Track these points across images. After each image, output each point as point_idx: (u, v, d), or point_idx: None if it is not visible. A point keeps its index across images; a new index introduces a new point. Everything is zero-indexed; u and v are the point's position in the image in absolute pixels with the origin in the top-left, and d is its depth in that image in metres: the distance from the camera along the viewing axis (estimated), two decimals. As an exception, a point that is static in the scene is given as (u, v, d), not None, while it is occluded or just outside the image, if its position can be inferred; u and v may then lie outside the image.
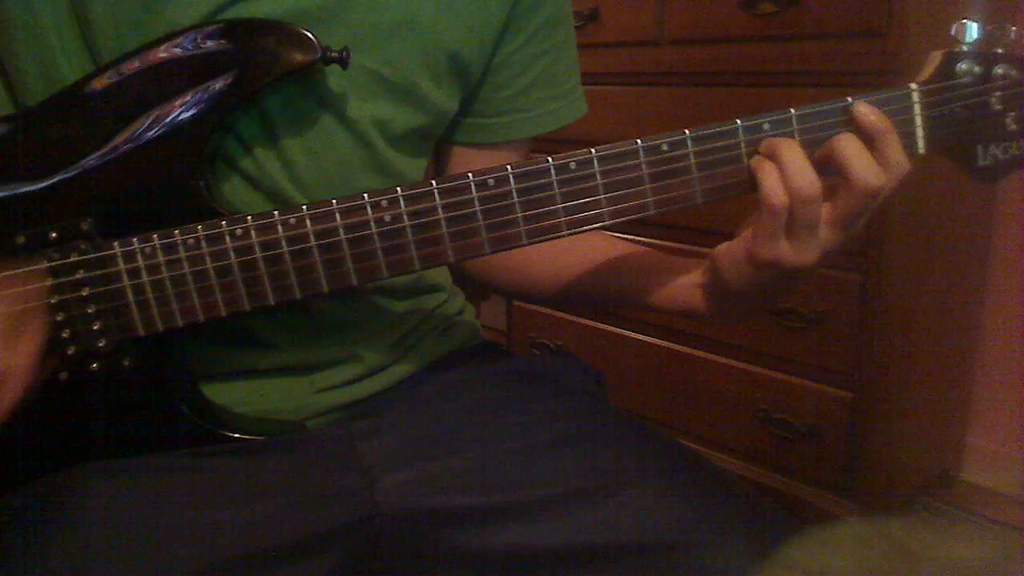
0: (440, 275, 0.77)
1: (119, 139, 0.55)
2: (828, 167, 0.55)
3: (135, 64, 0.56)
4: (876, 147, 0.55)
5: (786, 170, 0.54)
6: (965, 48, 0.60)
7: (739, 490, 0.60)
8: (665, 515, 0.56)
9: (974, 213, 1.47)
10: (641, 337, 1.61)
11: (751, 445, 1.50)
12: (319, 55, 0.56)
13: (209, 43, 0.56)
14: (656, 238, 1.49)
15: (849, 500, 1.40)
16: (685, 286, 0.65)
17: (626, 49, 1.53)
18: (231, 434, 0.61)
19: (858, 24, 1.24)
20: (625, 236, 0.76)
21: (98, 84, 0.56)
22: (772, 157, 0.55)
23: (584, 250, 0.71)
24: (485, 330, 0.82)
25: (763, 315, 1.41)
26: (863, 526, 0.46)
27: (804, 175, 0.54)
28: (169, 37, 0.56)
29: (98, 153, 0.55)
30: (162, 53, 0.56)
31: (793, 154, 0.55)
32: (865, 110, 0.56)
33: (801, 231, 0.55)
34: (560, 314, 1.74)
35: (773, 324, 1.41)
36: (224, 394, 0.63)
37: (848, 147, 0.55)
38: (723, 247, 0.59)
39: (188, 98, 0.55)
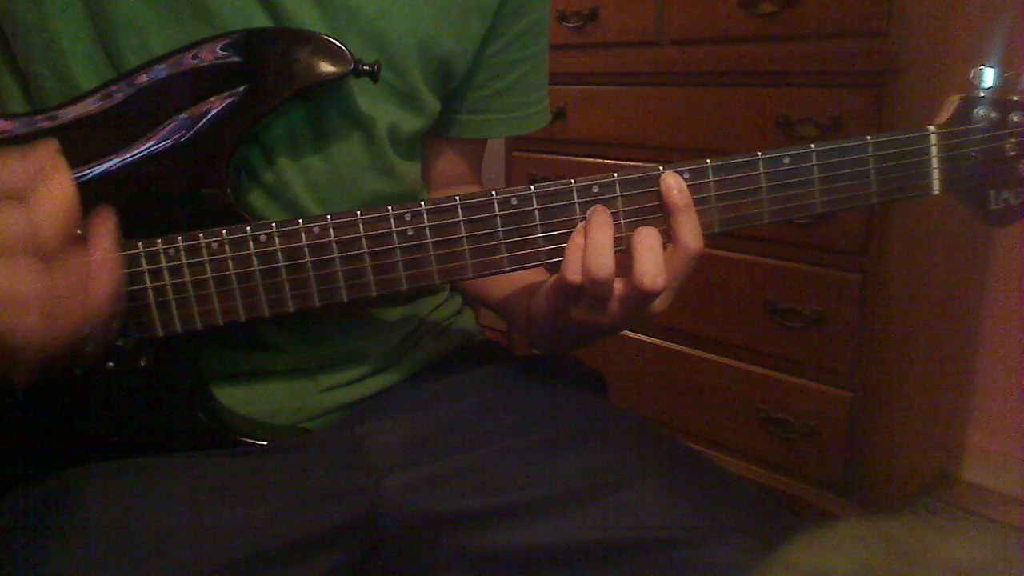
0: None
1: (148, 142, 0.56)
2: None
3: (167, 68, 0.56)
4: (670, 222, 0.56)
5: (588, 247, 0.55)
6: (982, 94, 0.61)
7: (740, 488, 0.60)
8: (666, 513, 0.56)
9: (968, 210, 1.47)
10: (641, 337, 1.62)
11: (751, 445, 1.50)
12: (351, 67, 0.56)
13: (242, 50, 0.56)
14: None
15: (849, 500, 1.40)
16: (520, 306, 0.68)
17: (626, 49, 1.54)
18: (240, 438, 0.61)
19: (858, 24, 1.24)
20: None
21: (129, 86, 0.56)
22: (586, 230, 0.56)
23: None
24: (486, 330, 0.82)
25: (763, 315, 1.42)
26: (863, 526, 0.46)
27: (600, 257, 0.55)
28: (201, 42, 0.56)
29: (127, 155, 0.56)
30: (194, 58, 0.56)
31: (600, 232, 0.55)
32: (670, 183, 0.56)
33: (590, 302, 0.57)
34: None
35: (773, 324, 1.41)
36: (229, 395, 0.63)
37: (641, 242, 0.55)
38: (546, 280, 0.62)
39: (219, 104, 0.56)
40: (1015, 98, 0.61)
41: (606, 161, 1.59)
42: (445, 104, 0.72)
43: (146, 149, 0.56)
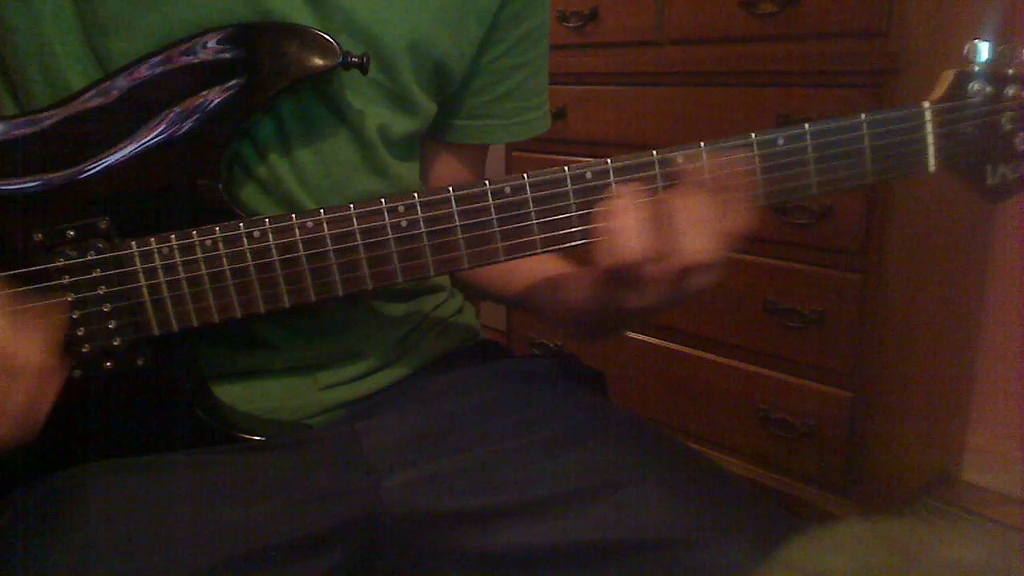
0: (440, 276, 0.78)
1: (140, 139, 0.56)
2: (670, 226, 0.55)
3: (157, 65, 0.56)
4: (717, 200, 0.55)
5: (614, 235, 0.54)
6: (977, 68, 0.60)
7: (740, 488, 0.60)
8: (666, 513, 0.56)
9: (973, 213, 1.48)
10: (641, 337, 1.62)
11: (751, 445, 1.50)
12: (340, 60, 0.56)
13: (231, 45, 0.56)
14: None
15: (849, 500, 1.40)
16: (549, 299, 0.68)
17: (626, 49, 1.54)
18: (240, 435, 0.61)
19: (858, 24, 1.24)
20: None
21: (119, 85, 0.56)
22: (607, 216, 0.55)
23: (532, 262, 0.72)
24: (485, 330, 0.82)
25: (763, 315, 1.42)
26: (863, 526, 0.46)
27: (629, 241, 0.53)
28: (190, 38, 0.56)
29: (118, 153, 0.56)
30: (184, 55, 0.56)
31: (624, 219, 0.54)
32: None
33: (621, 286, 0.56)
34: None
35: (773, 324, 1.41)
36: (228, 394, 0.63)
37: (679, 213, 0.53)
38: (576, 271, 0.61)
39: (210, 100, 0.56)
40: (1010, 71, 0.60)
41: (606, 161, 1.59)
42: (445, 109, 0.72)
43: (139, 146, 0.56)
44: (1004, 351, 1.55)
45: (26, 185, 0.55)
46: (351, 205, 0.56)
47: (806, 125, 0.58)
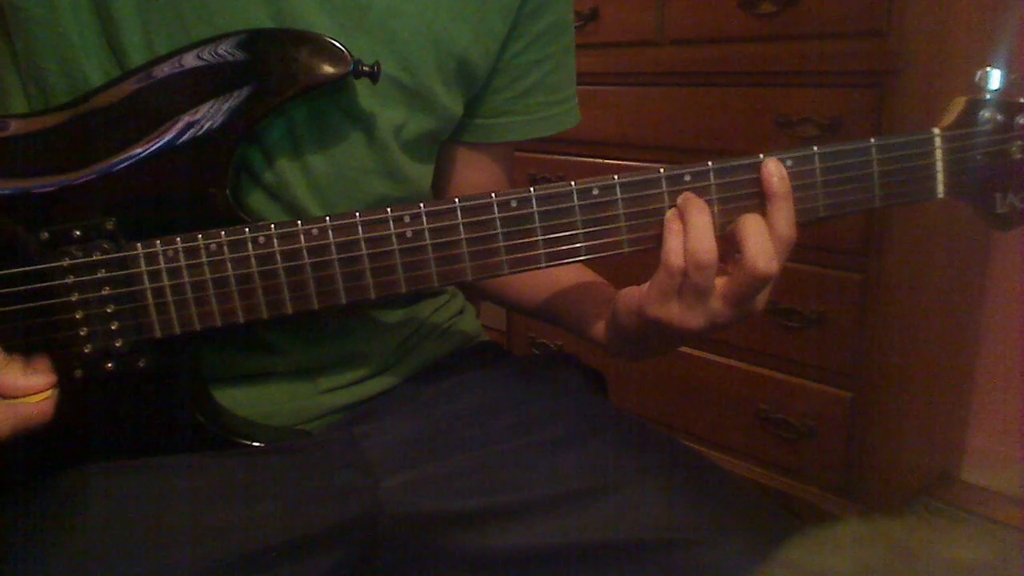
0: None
1: (148, 142, 0.55)
2: (734, 240, 0.56)
3: (167, 68, 0.56)
4: (768, 210, 0.56)
5: (688, 232, 0.55)
6: (988, 96, 0.60)
7: (740, 489, 0.60)
8: (665, 514, 0.56)
9: (974, 213, 1.47)
10: (641, 337, 1.61)
11: (751, 445, 1.50)
12: (351, 68, 0.56)
13: (242, 51, 0.56)
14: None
15: (849, 500, 1.40)
16: (595, 316, 0.67)
17: (626, 49, 1.54)
18: (239, 440, 0.61)
19: (858, 24, 1.24)
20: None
21: (130, 86, 0.56)
22: (681, 216, 0.56)
23: (554, 273, 0.72)
24: (485, 330, 0.82)
25: (763, 315, 1.41)
26: (863, 526, 0.46)
27: (703, 241, 0.54)
28: (202, 43, 0.56)
29: (126, 155, 0.55)
30: (194, 59, 0.56)
31: (699, 218, 0.55)
32: (771, 169, 0.56)
33: (691, 295, 0.55)
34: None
35: (773, 324, 1.41)
36: (229, 397, 0.63)
37: (748, 227, 0.55)
38: (625, 291, 0.60)
39: (219, 105, 0.56)
40: (1022, 100, 0.61)
41: (606, 161, 1.59)
42: (469, 109, 0.71)
43: (146, 149, 0.56)
44: (1004, 351, 1.55)
45: (34, 184, 0.55)
46: (356, 213, 0.56)
47: (815, 148, 0.58)
